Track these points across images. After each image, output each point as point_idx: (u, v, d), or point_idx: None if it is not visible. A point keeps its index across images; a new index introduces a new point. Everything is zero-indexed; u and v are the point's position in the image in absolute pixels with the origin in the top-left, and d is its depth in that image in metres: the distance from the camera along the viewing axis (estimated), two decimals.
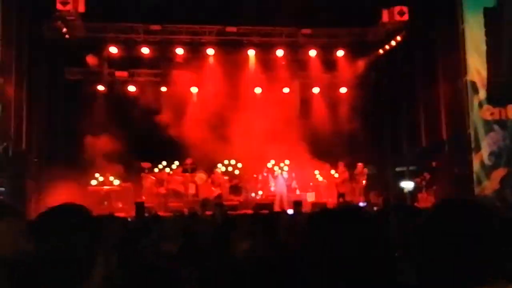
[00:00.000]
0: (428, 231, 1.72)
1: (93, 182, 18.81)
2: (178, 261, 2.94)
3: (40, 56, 18.15)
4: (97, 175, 18.86)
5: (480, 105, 15.78)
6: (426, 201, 16.84)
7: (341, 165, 19.32)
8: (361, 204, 16.70)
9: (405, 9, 18.10)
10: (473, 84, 15.82)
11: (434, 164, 18.24)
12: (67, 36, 18.61)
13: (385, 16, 18.58)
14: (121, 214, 12.47)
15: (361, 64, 21.24)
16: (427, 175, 17.94)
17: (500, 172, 15.48)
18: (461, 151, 16.41)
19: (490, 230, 1.71)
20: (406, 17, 18.17)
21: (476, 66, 15.82)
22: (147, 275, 2.10)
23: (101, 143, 18.49)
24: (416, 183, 18.40)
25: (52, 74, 19.20)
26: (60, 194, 16.88)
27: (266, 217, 6.26)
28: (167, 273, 2.04)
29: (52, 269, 1.70)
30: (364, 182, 19.00)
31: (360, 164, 19.24)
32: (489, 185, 15.38)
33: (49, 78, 19.05)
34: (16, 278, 1.80)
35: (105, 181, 18.58)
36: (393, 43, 19.75)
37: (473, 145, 15.69)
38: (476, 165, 15.57)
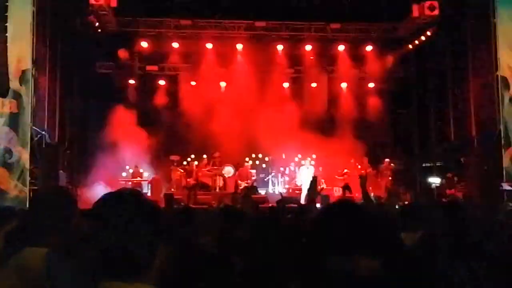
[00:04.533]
0: None
1: (124, 174, 18.97)
2: (224, 250, 2.91)
3: (73, 50, 18.33)
4: (127, 167, 19.00)
5: (511, 100, 15.41)
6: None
7: (365, 160, 19.09)
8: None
9: (435, 3, 17.65)
10: (504, 79, 15.40)
11: (462, 160, 17.89)
12: (99, 30, 18.73)
13: (415, 11, 18.18)
14: None
15: (390, 59, 20.90)
16: (448, 174, 17.69)
17: None
18: (490, 147, 16.06)
19: None
20: (436, 12, 17.71)
21: (508, 62, 15.39)
22: (197, 263, 2.07)
23: (131, 136, 18.60)
24: (443, 180, 18.10)
25: (84, 67, 19.39)
26: (91, 186, 17.11)
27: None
28: (216, 260, 2.03)
29: (112, 258, 1.63)
30: (390, 177, 18.72)
31: (386, 160, 18.99)
32: None
33: (81, 71, 19.27)
34: (75, 265, 1.79)
35: (135, 173, 18.69)
36: (423, 38, 19.39)
37: (503, 141, 15.32)
38: (506, 162, 15.17)
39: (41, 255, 2.28)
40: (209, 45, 20.35)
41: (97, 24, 18.39)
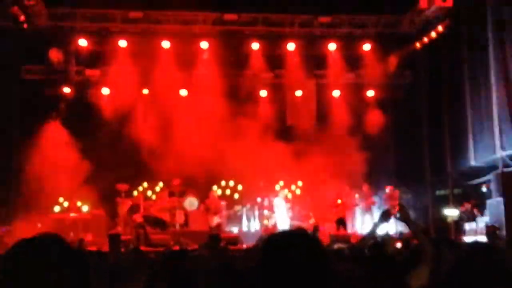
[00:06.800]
0: None
1: (56, 209, 18.51)
2: None
3: None
4: (61, 199, 18.56)
5: None
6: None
7: (365, 187, 19.00)
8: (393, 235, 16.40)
9: None
10: None
11: (485, 186, 17.89)
12: (25, 25, 18.45)
13: (423, 1, 18.34)
14: (92, 248, 12.20)
15: (393, 60, 20.91)
16: (467, 205, 17.68)
17: None
18: None
19: None
20: (450, 2, 17.92)
21: None
22: None
23: (65, 159, 18.26)
24: (462, 212, 18.10)
25: (5, 73, 18.92)
26: (15, 224, 16.70)
27: None
28: None
29: None
30: (397, 208, 18.61)
31: (390, 186, 18.87)
32: None
33: (2, 78, 18.84)
34: None
35: (71, 207, 18.32)
36: (433, 34, 19.43)
37: None
38: None
39: None
40: (166, 44, 20.10)
41: (22, 17, 18.14)
